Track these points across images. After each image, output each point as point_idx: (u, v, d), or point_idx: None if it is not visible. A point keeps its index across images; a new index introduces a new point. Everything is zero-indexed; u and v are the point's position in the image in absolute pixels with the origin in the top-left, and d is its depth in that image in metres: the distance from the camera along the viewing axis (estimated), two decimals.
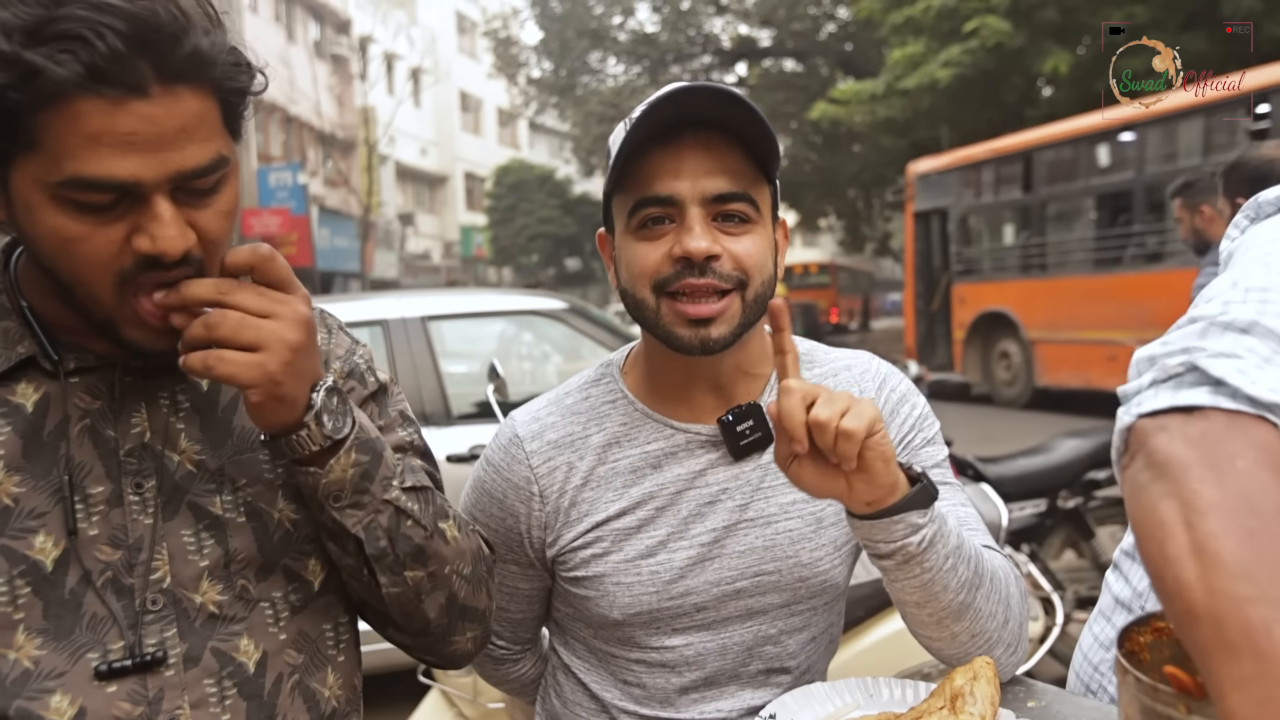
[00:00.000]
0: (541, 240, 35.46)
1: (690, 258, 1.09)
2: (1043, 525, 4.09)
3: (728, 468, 1.21)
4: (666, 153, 1.09)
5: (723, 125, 1.09)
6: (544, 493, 1.23)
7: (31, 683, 0.87)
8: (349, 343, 1.15)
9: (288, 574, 1.01)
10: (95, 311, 0.88)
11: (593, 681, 1.28)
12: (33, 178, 0.82)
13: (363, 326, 4.44)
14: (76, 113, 0.79)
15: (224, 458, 0.99)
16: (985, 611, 1.11)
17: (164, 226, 0.83)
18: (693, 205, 1.09)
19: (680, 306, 1.11)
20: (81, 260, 0.84)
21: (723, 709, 1.23)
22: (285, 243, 21.17)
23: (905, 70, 15.97)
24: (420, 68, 29.60)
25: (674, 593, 1.19)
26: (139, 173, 0.81)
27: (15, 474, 0.89)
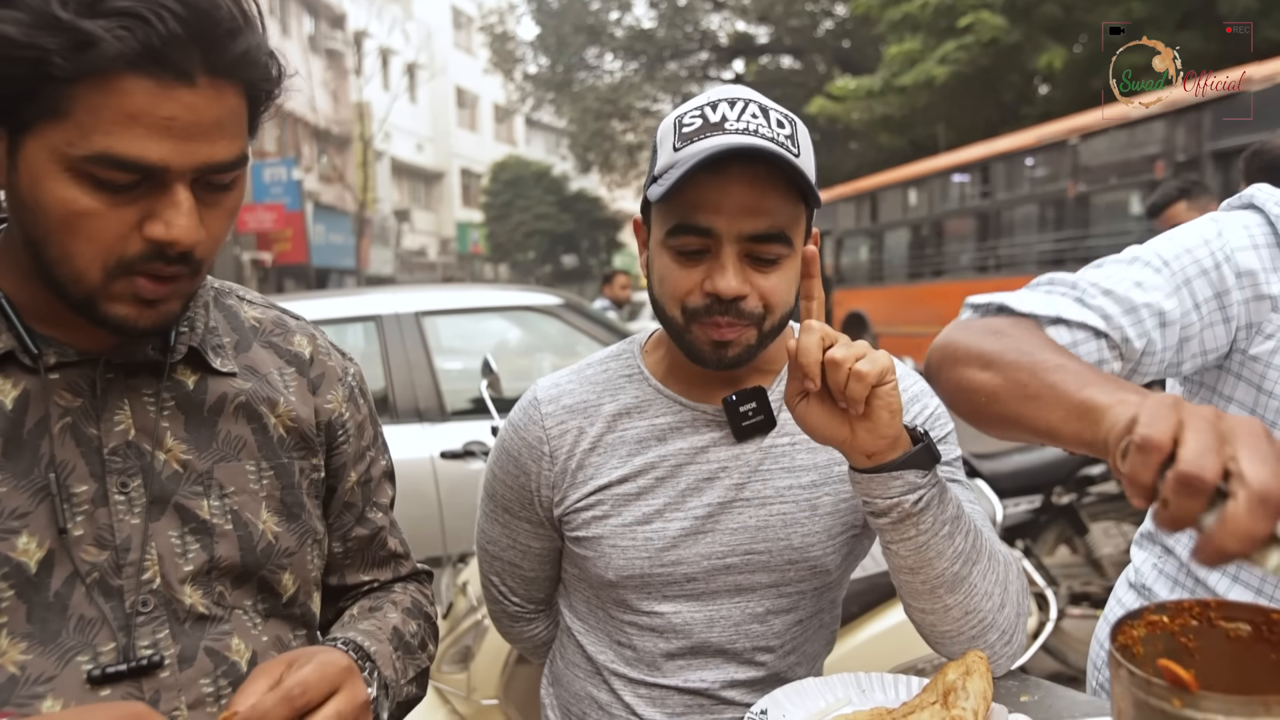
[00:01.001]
0: (538, 237, 35.43)
1: (720, 297, 1.14)
2: (1037, 521, 4.09)
3: (729, 447, 1.25)
4: (713, 182, 1.12)
5: (771, 160, 1.11)
6: (554, 453, 1.29)
7: (20, 689, 0.85)
8: (341, 360, 1.15)
9: (261, 585, 1.00)
10: (75, 290, 0.86)
11: (589, 643, 1.33)
12: (52, 147, 0.81)
13: (356, 322, 4.43)
14: (121, 89, 0.78)
15: (211, 460, 0.98)
16: (981, 589, 1.12)
17: (181, 215, 0.83)
18: (729, 243, 1.13)
19: (706, 331, 1.17)
20: (82, 236, 0.83)
21: (705, 679, 1.27)
22: (280, 239, 21.13)
23: (902, 67, 15.99)
24: (416, 63, 29.54)
25: (665, 560, 1.24)
26: (169, 158, 0.81)
27: None
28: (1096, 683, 1.39)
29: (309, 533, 1.05)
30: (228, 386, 1.01)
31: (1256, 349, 1.13)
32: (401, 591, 1.19)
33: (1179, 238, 1.15)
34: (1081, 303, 1.10)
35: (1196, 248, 1.13)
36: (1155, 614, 0.77)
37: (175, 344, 0.97)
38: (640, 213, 1.29)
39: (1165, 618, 0.77)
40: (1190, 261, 1.12)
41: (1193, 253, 1.12)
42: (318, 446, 1.08)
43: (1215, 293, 1.11)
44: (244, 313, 1.09)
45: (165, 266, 0.86)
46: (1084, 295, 1.11)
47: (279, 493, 1.02)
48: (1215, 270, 1.11)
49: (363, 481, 1.14)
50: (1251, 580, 1.18)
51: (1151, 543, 1.35)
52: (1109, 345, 1.10)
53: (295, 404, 1.06)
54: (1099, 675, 1.39)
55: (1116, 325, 1.09)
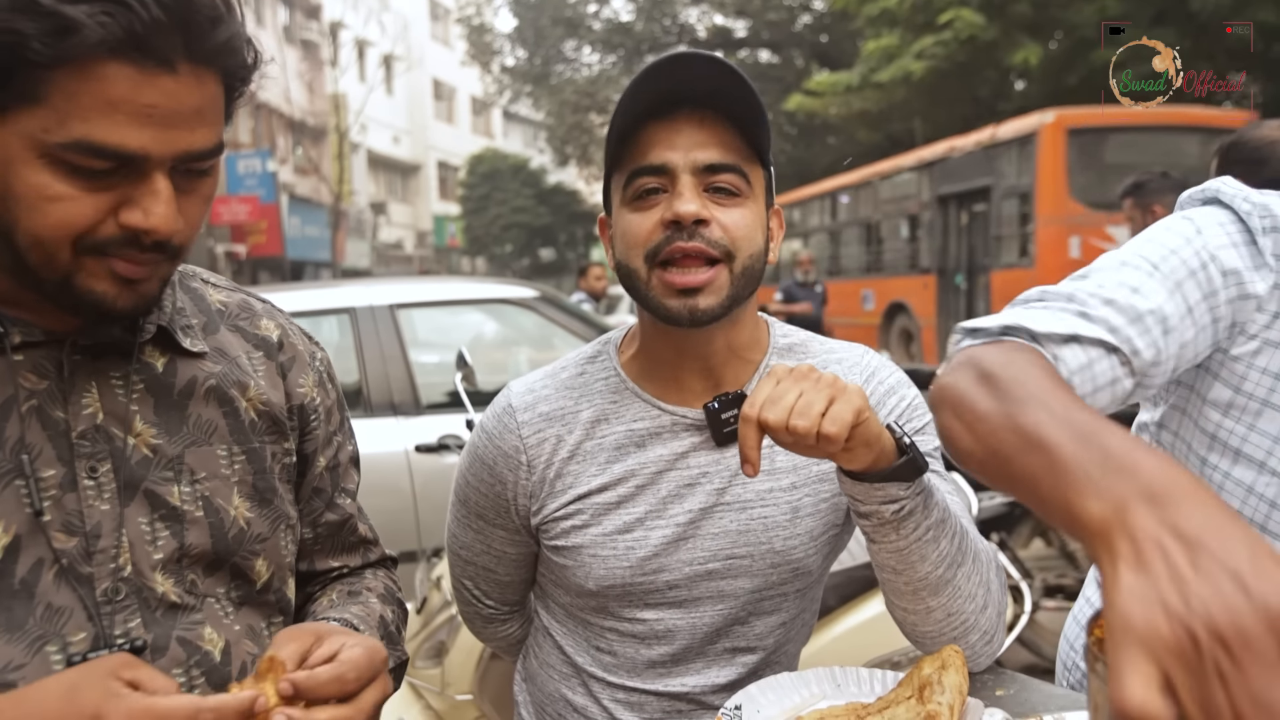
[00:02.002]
0: (515, 230, 35.29)
1: (680, 220, 1.11)
2: (1011, 514, 4.11)
3: (709, 452, 1.23)
4: (661, 126, 1.13)
5: (717, 104, 1.12)
6: (531, 463, 1.26)
7: None
8: (309, 345, 1.14)
9: (234, 572, 0.98)
10: (49, 273, 0.84)
11: (569, 645, 1.31)
12: (26, 133, 0.79)
13: (330, 315, 4.38)
14: (102, 76, 0.77)
15: (181, 445, 0.96)
16: (964, 591, 1.12)
17: (160, 203, 0.82)
18: (684, 173, 1.12)
19: (669, 277, 1.13)
20: (53, 221, 0.81)
21: (687, 684, 1.25)
22: (254, 231, 20.93)
23: (880, 62, 16.04)
24: (392, 54, 29.32)
25: (647, 569, 1.22)
26: (149, 147, 0.80)
27: None
28: (1068, 683, 1.38)
29: (282, 518, 1.03)
30: (197, 369, 0.99)
31: (1239, 349, 1.10)
32: (374, 578, 1.19)
33: (1160, 239, 1.10)
34: (1085, 317, 1.03)
35: (1180, 248, 1.08)
36: None
37: (144, 324, 0.95)
38: (604, 206, 1.27)
39: None
40: (1178, 263, 1.07)
41: (1178, 254, 1.08)
42: (289, 430, 1.07)
43: (1204, 294, 1.07)
44: (210, 296, 1.07)
45: (139, 254, 0.84)
46: (1086, 308, 1.04)
47: (251, 478, 1.00)
48: (1202, 270, 1.07)
49: (331, 467, 1.13)
50: None
51: None
52: (1120, 361, 1.03)
53: (265, 388, 1.05)
54: (1069, 676, 1.38)
55: (1125, 337, 1.03)
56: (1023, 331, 1.01)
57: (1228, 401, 1.12)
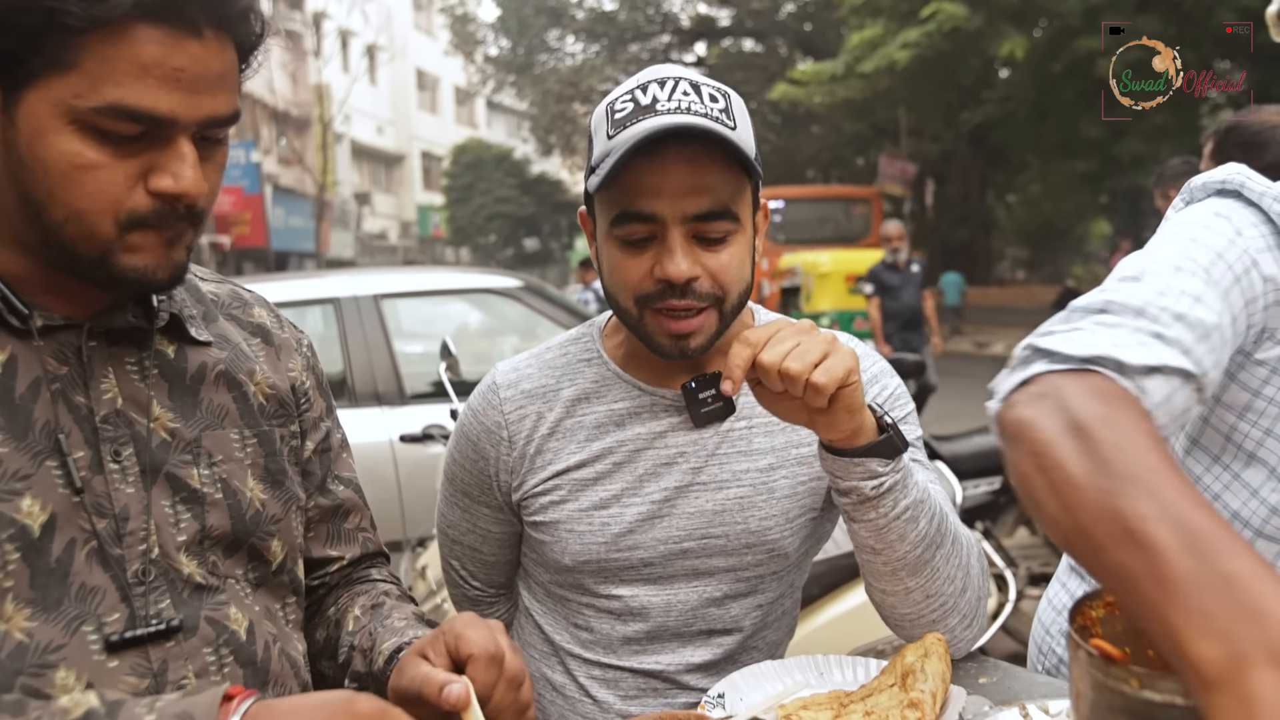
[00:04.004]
0: (499, 220, 35.19)
1: (671, 281, 1.12)
2: (996, 503, 4.14)
3: (687, 432, 1.24)
4: (651, 165, 1.09)
5: (707, 137, 1.09)
6: (513, 438, 1.28)
7: (30, 658, 0.83)
8: (295, 331, 1.15)
9: (251, 553, 1.00)
10: (87, 248, 0.85)
11: (547, 624, 1.32)
12: (57, 99, 0.80)
13: (314, 305, 4.35)
14: (134, 39, 0.79)
15: (197, 428, 0.97)
16: (943, 574, 1.12)
17: (188, 167, 0.84)
18: (674, 226, 1.11)
19: (663, 322, 1.15)
20: (88, 191, 0.83)
21: (661, 662, 1.26)
22: (238, 222, 20.79)
23: (864, 52, 16.07)
24: (376, 44, 29.11)
25: (622, 545, 1.23)
26: (178, 110, 0.82)
27: None
28: (1042, 667, 1.37)
29: (293, 499, 1.05)
30: (206, 356, 1.01)
31: (1264, 353, 1.07)
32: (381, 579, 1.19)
33: (1204, 239, 1.03)
34: (1161, 339, 0.93)
35: (1225, 251, 1.02)
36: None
37: (159, 310, 0.97)
38: (584, 204, 1.26)
39: None
40: (1224, 269, 1.01)
41: (1224, 258, 1.01)
42: (295, 414, 1.09)
43: (1246, 300, 1.02)
44: (201, 287, 1.09)
45: (175, 221, 0.86)
46: (1160, 327, 0.93)
47: (263, 460, 1.02)
48: (1245, 276, 1.02)
49: (321, 450, 1.14)
50: None
51: None
52: (1195, 387, 0.94)
53: (268, 372, 1.07)
54: (1044, 660, 1.38)
55: (1197, 358, 0.94)
56: (1110, 363, 0.89)
57: (1244, 404, 1.10)
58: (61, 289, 0.91)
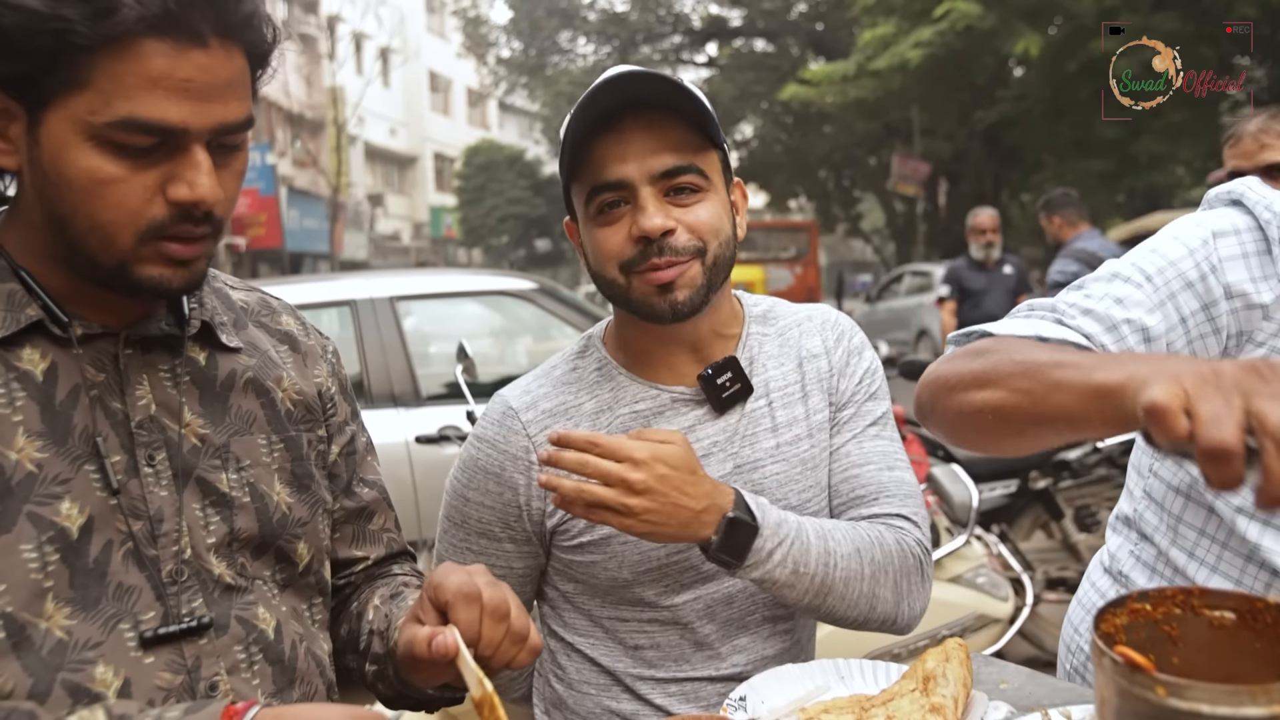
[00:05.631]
0: (511, 221, 35.20)
1: (648, 236, 1.14)
2: (1013, 505, 4.12)
3: (713, 422, 1.26)
4: (611, 138, 1.15)
5: (662, 105, 1.15)
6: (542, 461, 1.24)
7: (70, 654, 0.86)
8: (320, 338, 1.18)
9: (278, 555, 1.03)
10: (106, 258, 0.88)
11: (601, 655, 1.29)
12: (75, 117, 0.83)
13: (330, 307, 4.38)
14: (140, 54, 0.81)
15: (226, 434, 1.00)
16: (839, 610, 1.19)
17: (202, 175, 0.86)
18: (643, 185, 1.15)
19: (648, 278, 1.17)
20: (109, 204, 0.85)
21: (737, 663, 1.26)
22: (254, 224, 20.87)
23: (876, 51, 15.99)
24: (389, 47, 29.15)
25: (680, 545, 1.22)
26: (188, 120, 0.84)
27: (36, 440, 0.88)
28: (1070, 666, 1.38)
29: (319, 503, 1.08)
30: (235, 363, 1.04)
31: (1246, 356, 1.10)
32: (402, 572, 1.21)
33: (1163, 249, 1.11)
34: (1061, 323, 1.07)
35: (1180, 259, 1.09)
36: (1138, 602, 0.76)
37: (190, 318, 0.99)
38: (568, 214, 1.29)
39: (1148, 605, 0.76)
40: (1174, 275, 1.09)
41: (1176, 265, 1.09)
42: (321, 419, 1.11)
43: (1202, 304, 1.08)
44: (232, 295, 1.11)
45: (194, 227, 0.88)
46: (1063, 316, 1.08)
47: (290, 465, 1.05)
48: (1201, 282, 1.09)
49: (346, 453, 1.15)
50: (1231, 570, 1.17)
51: (1128, 528, 1.34)
52: None
53: (296, 378, 1.09)
54: (1072, 659, 1.38)
55: (1098, 344, 1.06)
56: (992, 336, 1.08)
57: None
58: (98, 300, 0.93)
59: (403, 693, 1.06)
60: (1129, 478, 1.36)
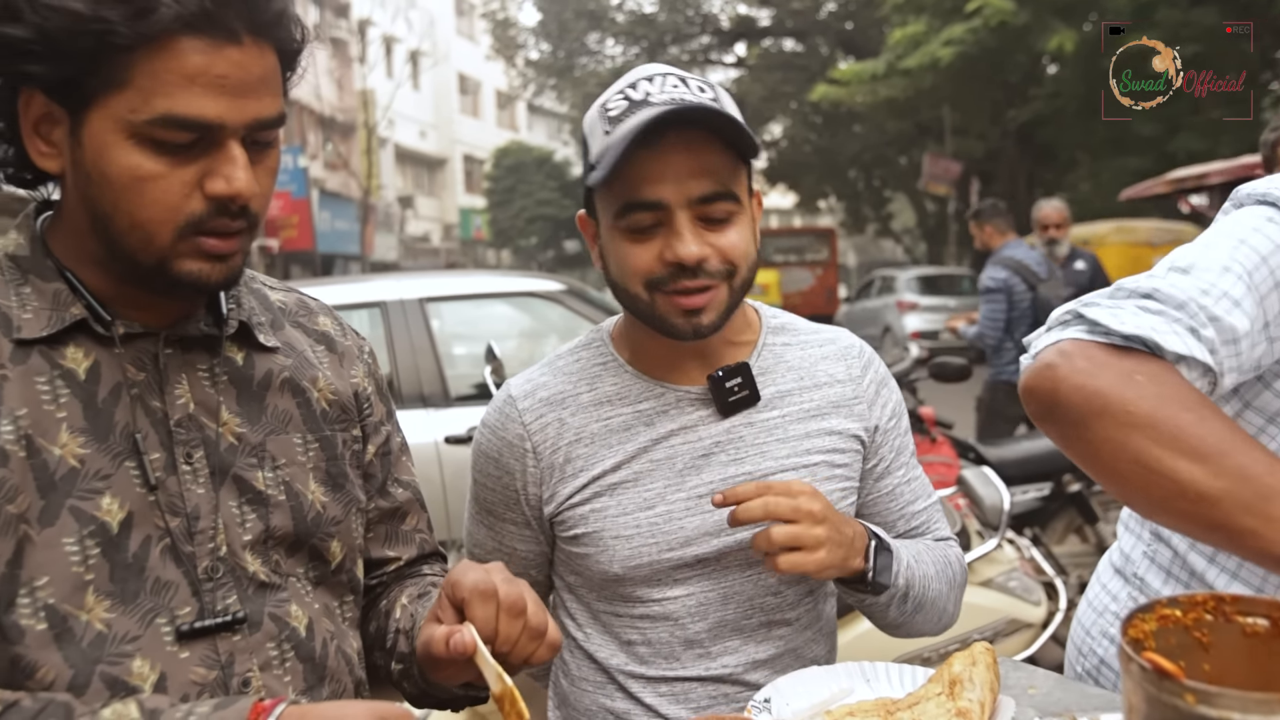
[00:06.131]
0: (540, 222, 35.33)
1: (683, 263, 1.14)
2: (1046, 509, 4.07)
3: (718, 423, 1.25)
4: (652, 155, 1.12)
5: (704, 124, 1.14)
6: (537, 449, 1.27)
7: (109, 647, 0.88)
8: (357, 339, 1.19)
9: (312, 553, 1.04)
10: (146, 256, 0.90)
11: (597, 648, 1.30)
12: (116, 116, 0.85)
13: (361, 309, 4.42)
14: (178, 51, 0.84)
15: (263, 433, 1.01)
16: (919, 623, 1.28)
17: (239, 169, 0.89)
18: (680, 209, 1.14)
19: (675, 300, 1.17)
20: (149, 200, 0.87)
21: (728, 664, 1.26)
22: (286, 225, 21.11)
23: (906, 50, 15.88)
24: (419, 50, 29.40)
25: (674, 543, 1.22)
26: (225, 115, 0.87)
27: (80, 436, 0.90)
28: (1081, 669, 1.35)
29: (353, 502, 1.09)
30: (272, 362, 1.05)
31: None
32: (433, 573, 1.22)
33: (1252, 241, 1.07)
34: (1195, 334, 1.01)
35: (1271, 256, 1.06)
36: (1167, 608, 0.75)
37: (228, 319, 1.01)
38: (584, 207, 1.28)
39: (1178, 612, 0.75)
40: (1267, 274, 1.05)
41: (1268, 262, 1.05)
42: (356, 419, 1.12)
43: None
44: (270, 295, 1.13)
45: (230, 221, 0.90)
46: (1196, 324, 1.01)
47: (324, 464, 1.06)
48: None
49: (382, 454, 1.16)
50: (1252, 578, 1.14)
51: (1141, 527, 1.31)
52: (1210, 382, 1.03)
53: (331, 378, 1.10)
54: (1083, 661, 1.35)
55: (1220, 359, 1.02)
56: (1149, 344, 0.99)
57: (1276, 410, 1.11)
58: (140, 300, 0.95)
59: (427, 691, 1.07)
60: None
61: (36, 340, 0.90)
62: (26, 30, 0.83)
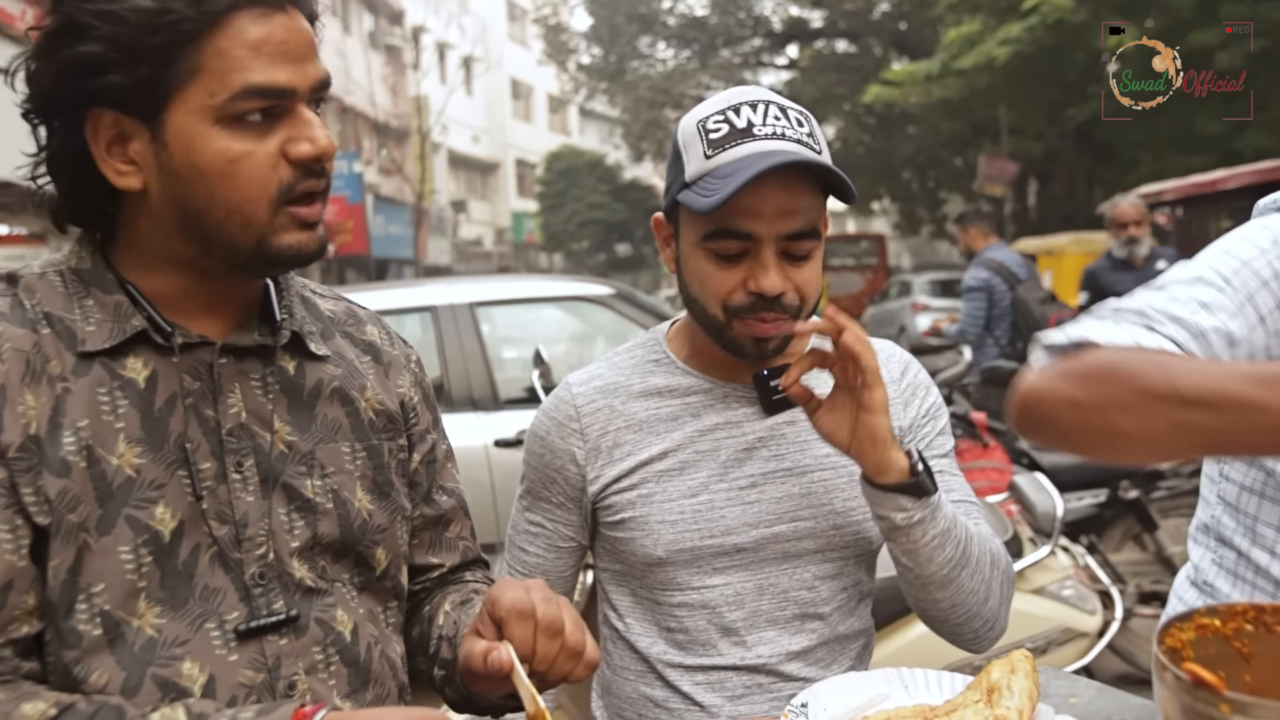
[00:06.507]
0: (592, 226, 35.49)
1: (765, 295, 1.20)
2: (1102, 516, 3.98)
3: (762, 420, 1.31)
4: (751, 189, 1.16)
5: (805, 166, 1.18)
6: (585, 430, 1.33)
7: (160, 650, 0.91)
8: (404, 348, 1.21)
9: (357, 559, 1.06)
10: (246, 237, 0.93)
11: (637, 638, 1.34)
12: (196, 105, 0.89)
13: (412, 313, 4.50)
14: (238, 27, 0.88)
15: (312, 441, 1.04)
16: (967, 588, 1.23)
17: (317, 129, 0.93)
18: (768, 244, 1.20)
19: (752, 327, 1.23)
20: (244, 180, 0.91)
21: (762, 654, 1.29)
22: (341, 230, 21.50)
23: (961, 49, 15.66)
24: (472, 56, 29.74)
25: (715, 531, 1.27)
26: (293, 80, 0.91)
27: (136, 446, 0.93)
28: None
29: (398, 510, 1.11)
30: (323, 372, 1.07)
31: None
32: (474, 579, 1.24)
33: (1235, 250, 1.12)
34: (1152, 330, 1.05)
35: (1253, 259, 1.10)
36: (1206, 617, 0.74)
37: (280, 328, 1.04)
38: (664, 212, 1.33)
39: (1217, 621, 0.74)
40: (1250, 275, 1.09)
41: (1250, 265, 1.10)
42: (402, 428, 1.14)
43: (1277, 302, 1.09)
44: (320, 305, 1.15)
45: (316, 181, 0.95)
46: (1154, 323, 1.06)
47: (371, 472, 1.08)
48: (1275, 280, 1.09)
49: (427, 461, 1.18)
50: None
51: (1206, 535, 1.32)
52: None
53: (378, 388, 1.12)
54: None
55: (1187, 352, 1.05)
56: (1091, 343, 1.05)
57: None
58: (198, 308, 0.98)
59: (469, 698, 1.09)
60: (1203, 486, 1.34)
61: (99, 352, 0.93)
62: (100, 44, 0.86)
